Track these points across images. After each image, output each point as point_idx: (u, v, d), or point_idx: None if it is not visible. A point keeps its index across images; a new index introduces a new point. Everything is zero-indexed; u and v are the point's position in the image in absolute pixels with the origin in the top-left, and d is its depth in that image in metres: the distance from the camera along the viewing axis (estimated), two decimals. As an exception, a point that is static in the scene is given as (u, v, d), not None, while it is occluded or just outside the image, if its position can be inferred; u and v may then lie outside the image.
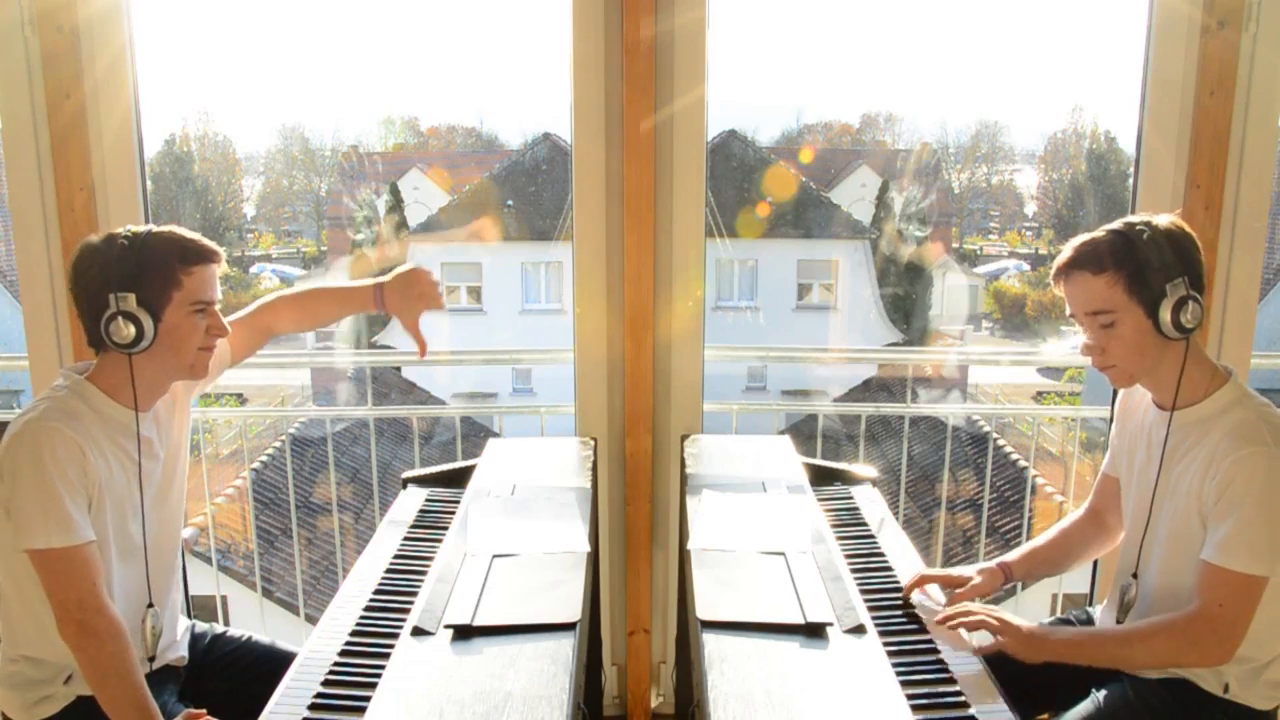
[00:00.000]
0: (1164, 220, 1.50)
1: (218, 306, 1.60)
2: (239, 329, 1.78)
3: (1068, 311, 1.56)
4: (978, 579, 1.68)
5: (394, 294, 1.83)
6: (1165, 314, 1.46)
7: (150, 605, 1.59)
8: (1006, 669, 1.42)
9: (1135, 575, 1.63)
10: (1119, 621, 1.64)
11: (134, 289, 1.48)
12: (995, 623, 1.49)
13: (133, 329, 1.48)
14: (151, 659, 1.59)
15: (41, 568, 1.44)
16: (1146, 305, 1.47)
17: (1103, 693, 1.63)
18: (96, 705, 1.50)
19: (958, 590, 1.64)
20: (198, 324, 1.55)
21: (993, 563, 1.74)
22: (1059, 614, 1.93)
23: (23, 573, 1.47)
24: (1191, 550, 1.50)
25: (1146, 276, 1.46)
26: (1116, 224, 1.52)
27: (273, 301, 1.86)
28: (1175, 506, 1.55)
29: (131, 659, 1.47)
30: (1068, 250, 1.54)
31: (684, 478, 1.95)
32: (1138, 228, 1.49)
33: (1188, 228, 1.51)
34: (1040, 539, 1.82)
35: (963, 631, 1.47)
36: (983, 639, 1.49)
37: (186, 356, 1.56)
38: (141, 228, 1.54)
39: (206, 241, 1.57)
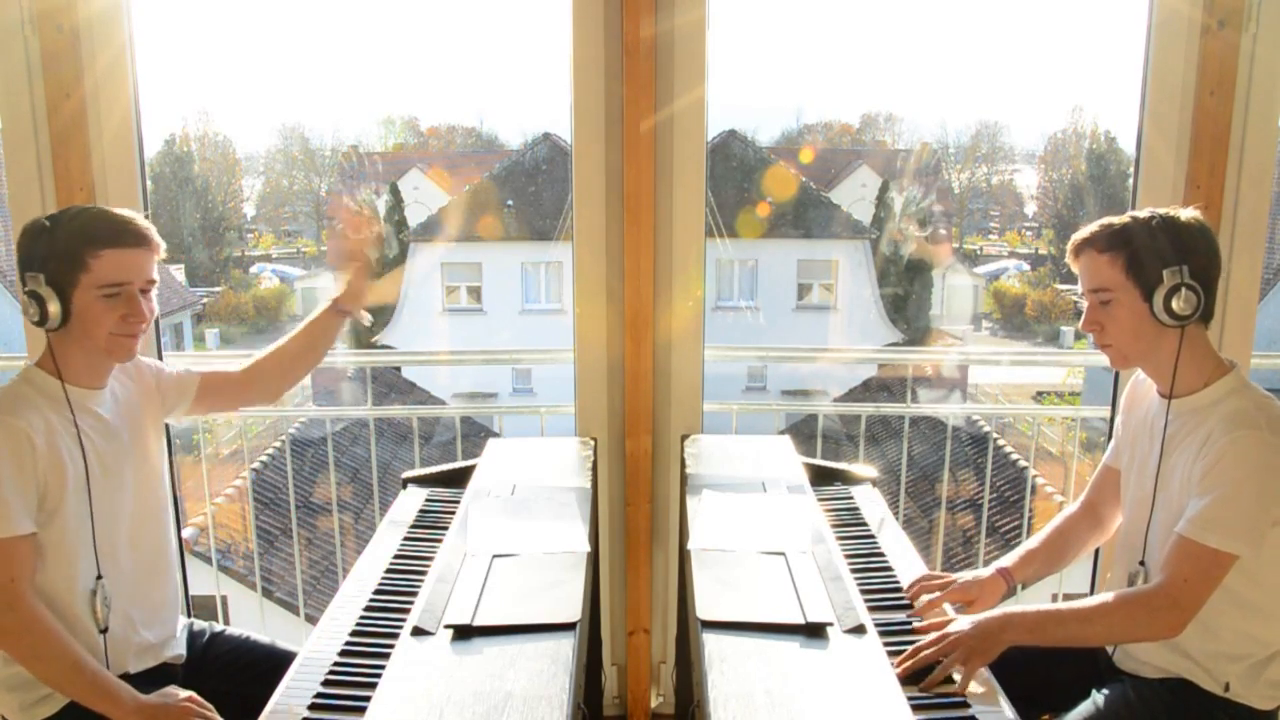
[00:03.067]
0: (1186, 214, 1.54)
1: (154, 292, 1.60)
2: (227, 381, 1.85)
3: (1079, 289, 1.60)
4: (979, 590, 1.67)
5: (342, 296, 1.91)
6: (1159, 299, 1.50)
7: (99, 577, 1.58)
8: (1007, 669, 1.41)
9: (1142, 563, 1.63)
10: None
11: (43, 270, 1.51)
12: (951, 654, 1.38)
13: (38, 309, 1.51)
14: (104, 631, 1.58)
15: None
16: (1143, 288, 1.52)
17: (1103, 693, 1.64)
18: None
19: (967, 608, 1.63)
20: (108, 308, 1.54)
21: (992, 568, 1.73)
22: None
23: None
24: None
25: (1146, 260, 1.51)
26: (1138, 212, 1.57)
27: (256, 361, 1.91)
28: (1171, 492, 1.57)
29: (56, 643, 1.48)
30: (1085, 230, 1.59)
31: (684, 478, 1.95)
32: (1150, 216, 1.53)
33: (1205, 223, 1.55)
34: (1034, 539, 1.83)
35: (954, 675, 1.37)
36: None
37: (99, 340, 1.56)
38: (73, 208, 1.56)
39: (130, 225, 1.56)
